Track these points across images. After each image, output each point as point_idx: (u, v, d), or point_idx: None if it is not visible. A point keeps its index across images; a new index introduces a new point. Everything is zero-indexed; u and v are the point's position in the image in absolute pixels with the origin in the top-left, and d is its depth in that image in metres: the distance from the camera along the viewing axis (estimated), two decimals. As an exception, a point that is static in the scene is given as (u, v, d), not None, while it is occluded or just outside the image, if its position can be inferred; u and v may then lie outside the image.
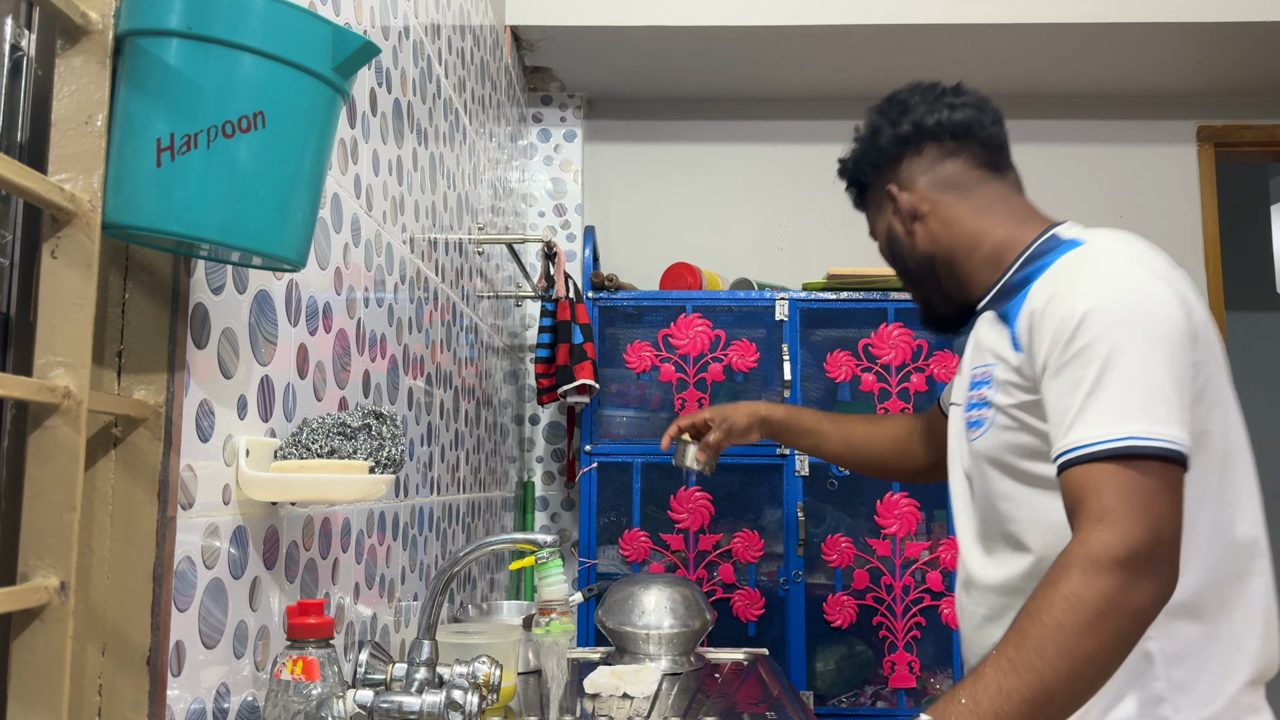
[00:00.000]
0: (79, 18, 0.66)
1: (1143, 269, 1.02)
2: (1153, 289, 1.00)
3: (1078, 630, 0.88)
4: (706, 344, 2.58)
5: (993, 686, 0.89)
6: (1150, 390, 0.95)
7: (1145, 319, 0.97)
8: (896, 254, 1.29)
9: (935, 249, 1.24)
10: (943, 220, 1.23)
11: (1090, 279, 1.02)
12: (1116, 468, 0.93)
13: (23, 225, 0.71)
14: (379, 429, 0.96)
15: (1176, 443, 0.94)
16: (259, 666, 0.93)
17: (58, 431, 0.63)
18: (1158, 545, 0.91)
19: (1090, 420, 0.95)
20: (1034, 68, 2.89)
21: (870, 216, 1.35)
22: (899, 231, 1.27)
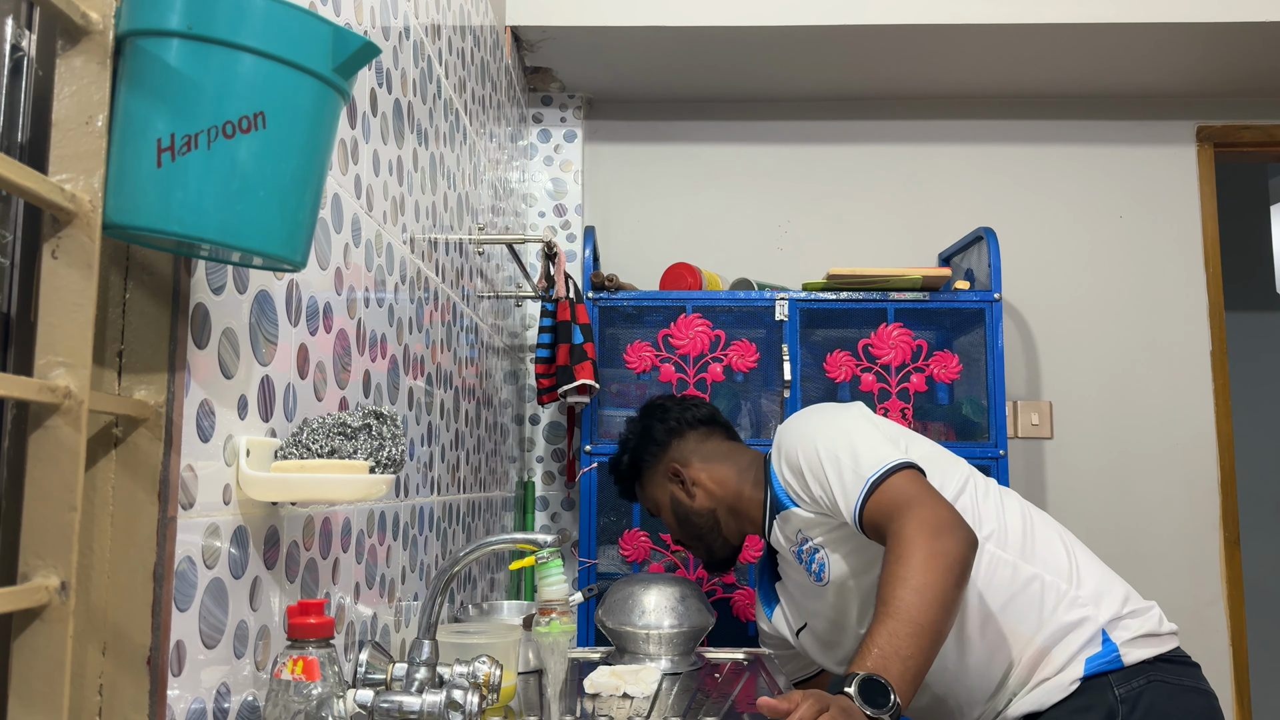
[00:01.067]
0: (79, 18, 0.66)
1: (816, 410, 1.60)
2: (822, 409, 1.58)
3: (943, 576, 1.21)
4: (706, 344, 2.58)
5: (892, 635, 1.18)
6: (864, 442, 1.43)
7: (824, 420, 1.52)
8: (682, 515, 1.70)
9: (714, 502, 1.67)
10: (714, 481, 1.68)
11: (791, 433, 1.55)
12: (883, 488, 1.35)
13: (23, 225, 0.71)
14: (379, 429, 0.96)
15: (896, 459, 1.38)
16: (259, 666, 0.93)
17: (58, 431, 0.63)
18: (935, 510, 1.28)
19: (850, 477, 1.40)
20: (1034, 68, 2.89)
21: (648, 496, 1.76)
22: (682, 496, 1.69)
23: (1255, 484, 4.02)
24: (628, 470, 1.78)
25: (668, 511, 1.71)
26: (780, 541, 1.58)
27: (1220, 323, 3.02)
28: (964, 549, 1.24)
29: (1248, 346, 4.18)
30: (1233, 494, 2.99)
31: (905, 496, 1.31)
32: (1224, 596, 2.88)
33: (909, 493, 1.31)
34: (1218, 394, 3.00)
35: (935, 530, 1.24)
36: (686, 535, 1.70)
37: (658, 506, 1.73)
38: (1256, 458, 4.10)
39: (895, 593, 1.21)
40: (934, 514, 1.27)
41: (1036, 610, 1.40)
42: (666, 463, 1.70)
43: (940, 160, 3.09)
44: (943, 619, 1.20)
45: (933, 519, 1.26)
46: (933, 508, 1.28)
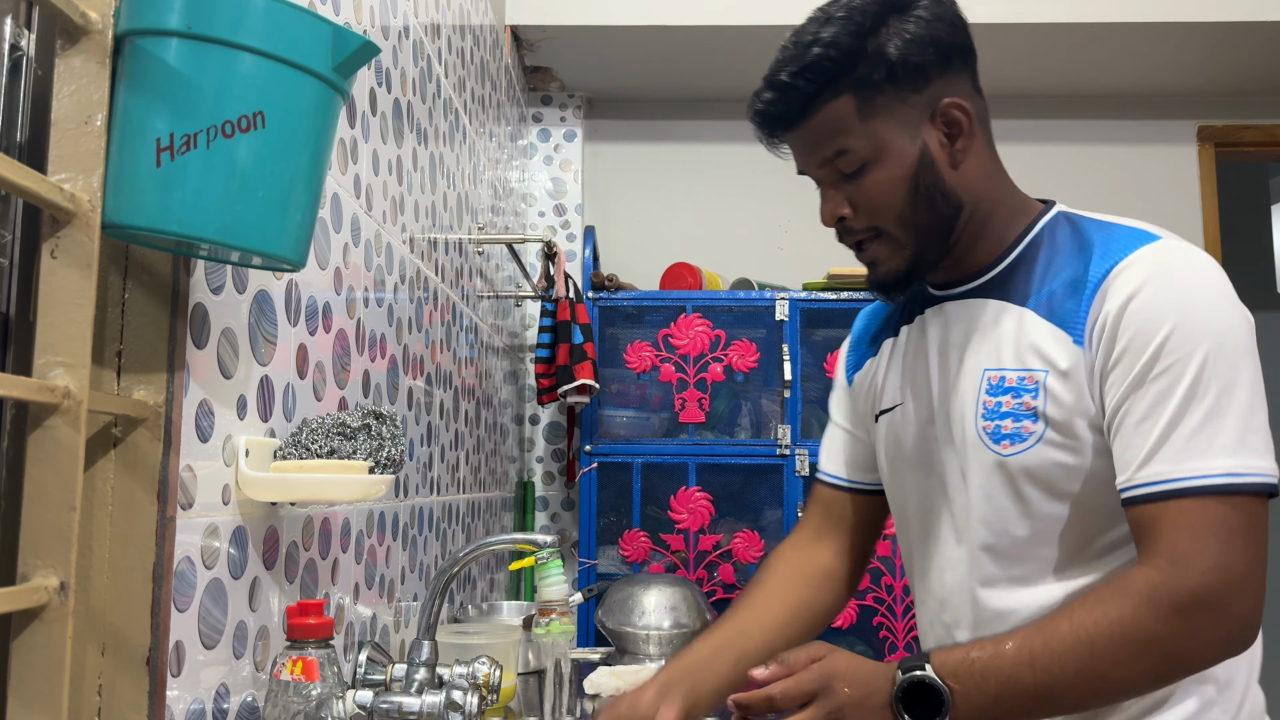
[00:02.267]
0: (79, 18, 0.66)
1: (1224, 281, 0.93)
2: (1236, 305, 0.93)
3: (1109, 658, 0.84)
4: (706, 344, 2.58)
5: (1006, 669, 0.86)
6: (1242, 418, 0.87)
7: (1235, 338, 0.90)
8: (925, 186, 0.97)
9: (969, 197, 1.00)
10: (982, 165, 1.01)
11: (1177, 287, 0.91)
12: (1199, 505, 0.86)
13: (23, 225, 0.71)
14: (379, 429, 0.96)
15: (1267, 475, 0.86)
16: (259, 667, 0.93)
17: (57, 431, 0.63)
18: (1226, 590, 0.84)
19: (1174, 452, 0.87)
20: (1034, 68, 2.89)
21: (863, 127, 0.97)
22: (940, 158, 0.98)
23: (1255, 484, 4.02)
24: (848, 64, 0.95)
25: (899, 168, 0.97)
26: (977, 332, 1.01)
27: (1220, 323, 3.02)
28: (1200, 646, 0.85)
29: (1248, 346, 4.18)
30: (1233, 494, 2.98)
31: (1203, 535, 0.85)
32: (1224, 596, 2.88)
33: (1215, 535, 0.85)
34: (1218, 394, 3.00)
35: (1189, 609, 0.84)
36: (904, 218, 0.98)
37: (873, 152, 0.97)
38: (1257, 458, 4.10)
39: (1064, 635, 0.86)
40: (1215, 585, 0.84)
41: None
42: (938, 91, 0.97)
43: (940, 160, 3.09)
44: (1092, 705, 0.90)
45: (1203, 595, 0.84)
46: (1224, 573, 0.84)
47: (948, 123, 0.98)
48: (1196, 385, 0.87)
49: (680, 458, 2.55)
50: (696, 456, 2.55)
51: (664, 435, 2.64)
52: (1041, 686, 0.85)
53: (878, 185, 0.98)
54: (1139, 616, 0.84)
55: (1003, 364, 0.98)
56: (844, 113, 0.97)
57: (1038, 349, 0.95)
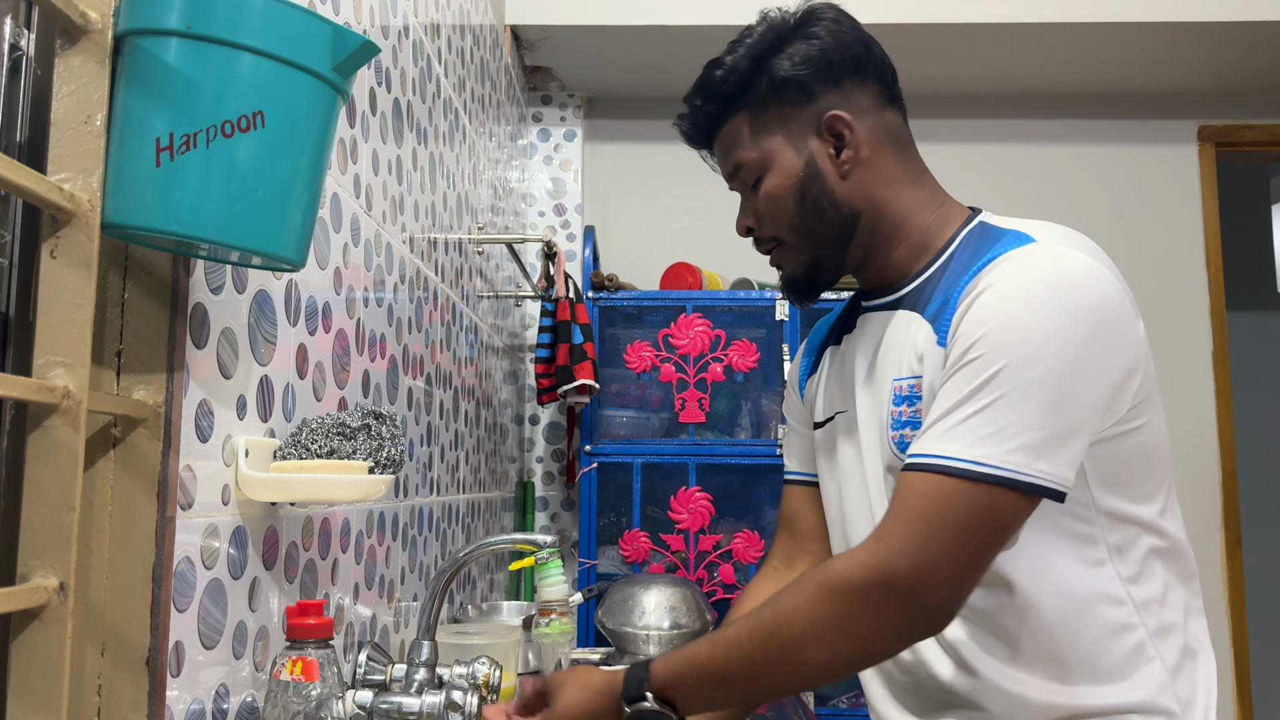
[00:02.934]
0: (78, 17, 0.65)
1: (1080, 289, 0.88)
2: (1078, 316, 0.87)
3: (799, 639, 0.86)
4: (707, 344, 2.58)
5: (704, 647, 0.91)
6: (1026, 422, 0.84)
7: (1056, 352, 0.85)
8: (812, 196, 1.01)
9: (865, 206, 1.02)
10: (881, 175, 1.02)
11: (1014, 289, 0.88)
12: (933, 483, 0.84)
13: (22, 225, 0.71)
14: (378, 429, 0.96)
15: (1026, 473, 0.83)
16: (258, 667, 0.93)
17: (57, 431, 0.63)
18: (915, 576, 0.82)
19: (936, 433, 0.86)
20: (1034, 68, 2.88)
21: (750, 142, 1.04)
22: (827, 169, 1.01)
23: (1256, 484, 4.02)
24: (743, 85, 1.04)
25: (785, 179, 1.02)
26: (876, 354, 1.04)
27: (1221, 322, 3.02)
28: (884, 631, 0.85)
29: (1249, 346, 4.18)
30: (1234, 494, 2.98)
31: (919, 517, 0.84)
32: (1225, 597, 2.88)
33: (933, 520, 0.83)
34: (1219, 394, 3.00)
35: (871, 592, 0.83)
36: (795, 226, 1.03)
37: (762, 164, 1.03)
38: (1257, 458, 4.10)
39: (765, 620, 0.87)
40: (906, 573, 0.83)
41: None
42: (823, 106, 1.01)
43: (940, 159, 3.07)
44: (795, 687, 0.90)
45: (891, 578, 0.83)
46: (920, 563, 0.83)
47: (834, 135, 1.02)
48: (988, 383, 0.85)
49: (680, 458, 2.55)
50: (696, 456, 2.55)
51: (664, 435, 2.64)
52: (733, 658, 0.88)
53: (768, 195, 1.04)
54: (828, 596, 0.85)
55: (902, 373, 0.99)
56: (739, 129, 1.05)
57: (920, 355, 0.96)
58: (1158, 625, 0.93)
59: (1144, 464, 0.95)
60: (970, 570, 0.85)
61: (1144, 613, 0.93)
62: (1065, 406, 0.85)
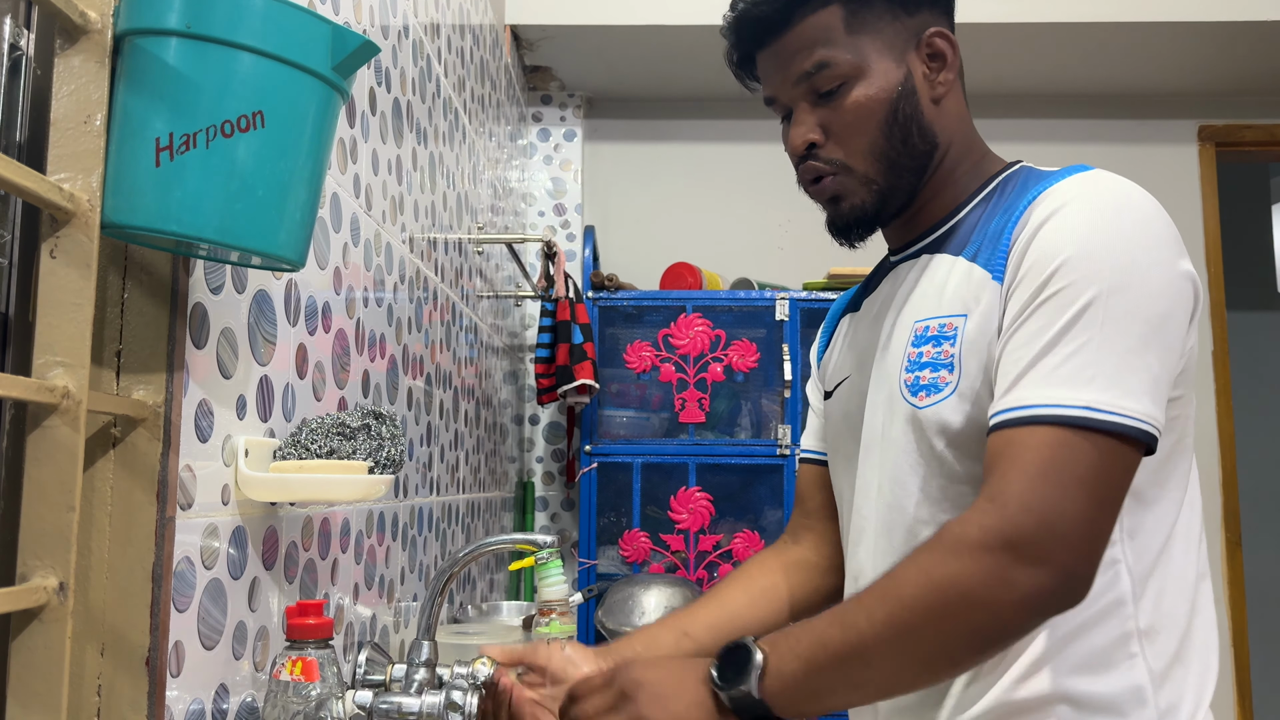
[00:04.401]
0: (78, 17, 0.65)
1: (1153, 220, 0.83)
2: (1159, 245, 0.81)
3: (916, 606, 0.75)
4: (707, 344, 2.58)
5: (819, 630, 0.78)
6: (1126, 358, 0.77)
7: (1146, 278, 0.79)
8: (904, 115, 0.91)
9: (944, 139, 0.94)
10: (958, 110, 0.96)
11: (1090, 212, 0.82)
12: (1044, 435, 0.76)
13: (22, 225, 0.71)
14: (378, 429, 0.96)
15: (1142, 419, 0.76)
16: (258, 667, 0.93)
17: (57, 431, 0.63)
18: (1043, 533, 0.74)
19: (1037, 379, 0.78)
20: (1034, 68, 2.88)
21: (851, 41, 0.91)
22: (922, 89, 0.93)
23: (1256, 484, 4.02)
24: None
25: (880, 90, 0.91)
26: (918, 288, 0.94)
27: (1221, 322, 3.02)
28: (1018, 597, 0.74)
29: (1249, 346, 4.18)
30: (1234, 494, 2.98)
31: (1039, 472, 0.75)
32: (1225, 597, 2.88)
33: (1052, 474, 0.75)
34: (1219, 394, 3.00)
35: (1003, 552, 0.74)
36: (875, 148, 0.92)
37: (855, 69, 0.91)
38: (1257, 458, 4.10)
39: (877, 589, 0.78)
40: (1032, 529, 0.74)
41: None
42: (927, 20, 0.93)
43: (940, 160, 3.09)
44: (910, 670, 0.78)
45: (1018, 536, 0.74)
46: (1045, 518, 0.74)
47: (932, 54, 0.93)
48: (1081, 315, 0.78)
49: (680, 458, 2.55)
50: (696, 456, 2.55)
51: (664, 435, 2.64)
52: (851, 645, 0.77)
53: (856, 106, 0.91)
54: (947, 558, 0.75)
55: (926, 313, 0.91)
56: (830, 22, 0.91)
57: (961, 294, 0.88)
58: (1149, 623, 0.86)
59: (1172, 442, 0.86)
60: (1105, 526, 0.76)
61: (1138, 605, 0.86)
62: (1159, 343, 0.79)
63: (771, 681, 0.79)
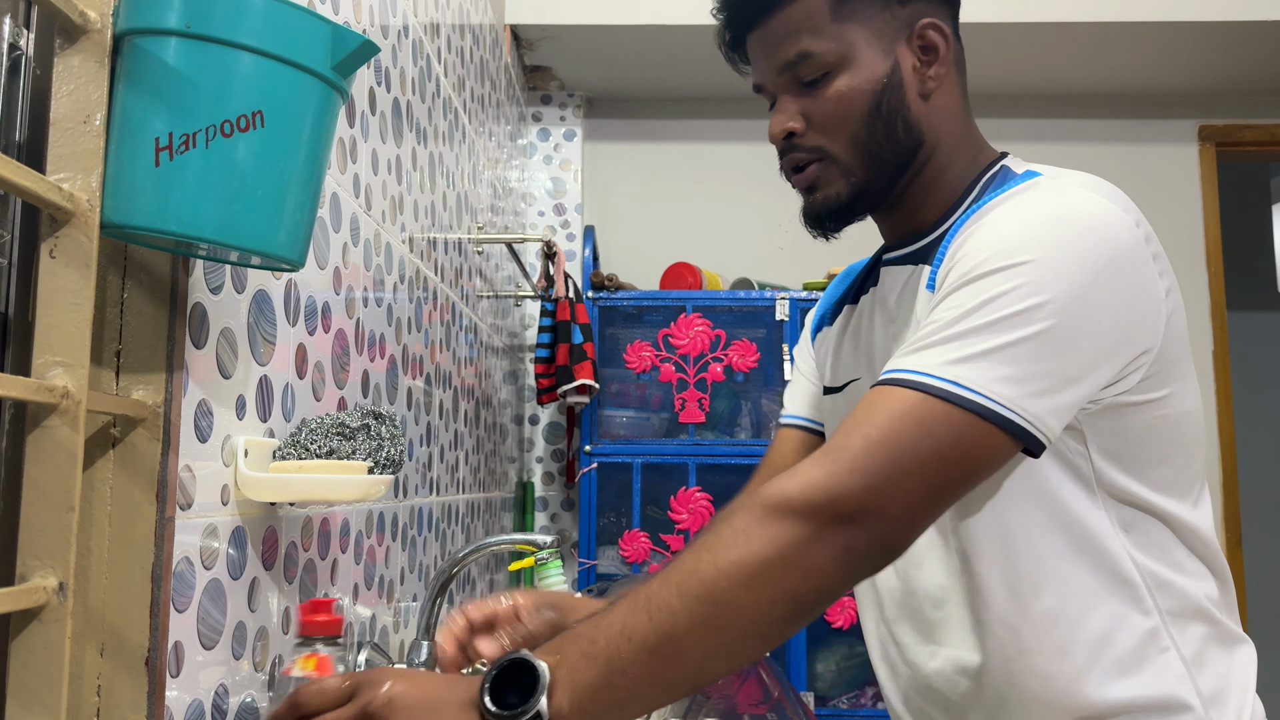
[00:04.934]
0: (77, 17, 0.65)
1: (1102, 229, 0.79)
2: (1099, 251, 0.78)
3: (730, 575, 0.69)
4: (707, 344, 2.58)
5: (617, 623, 0.69)
6: (1022, 344, 0.73)
7: (1072, 272, 0.76)
8: (888, 108, 0.89)
9: (931, 135, 0.91)
10: (950, 106, 0.92)
11: (1019, 220, 0.80)
12: (905, 399, 0.73)
13: (21, 225, 0.71)
14: (378, 429, 0.96)
15: (1019, 412, 0.73)
16: (258, 667, 0.93)
17: (56, 431, 0.63)
18: (866, 507, 0.70)
19: (921, 350, 0.75)
20: (1034, 68, 2.88)
21: (836, 30, 0.88)
22: (909, 82, 0.89)
23: (1257, 484, 4.02)
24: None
25: (864, 81, 0.89)
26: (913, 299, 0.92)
27: (1222, 322, 3.02)
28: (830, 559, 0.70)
29: (1249, 346, 4.18)
30: (1234, 494, 2.98)
31: (881, 430, 0.72)
32: (1224, 596, 2.87)
33: (894, 435, 0.72)
34: (1219, 394, 3.00)
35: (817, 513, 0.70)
36: (857, 139, 0.89)
37: (839, 58, 0.89)
38: (1258, 458, 4.10)
39: (682, 565, 0.71)
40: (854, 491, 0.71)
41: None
42: (919, 10, 0.91)
43: (940, 160, 3.08)
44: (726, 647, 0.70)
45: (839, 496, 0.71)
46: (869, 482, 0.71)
47: (924, 47, 0.90)
48: (982, 307, 0.75)
49: (680, 458, 2.55)
50: (696, 457, 2.55)
51: (664, 435, 2.64)
52: (663, 633, 0.68)
53: (838, 96, 0.88)
54: (766, 519, 0.70)
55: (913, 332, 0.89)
56: (816, 8, 0.89)
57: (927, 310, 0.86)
58: (1174, 606, 0.84)
59: (1161, 444, 0.84)
60: (931, 507, 0.73)
61: (1159, 596, 0.84)
62: (1067, 347, 0.75)
63: (561, 697, 0.66)
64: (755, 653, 0.72)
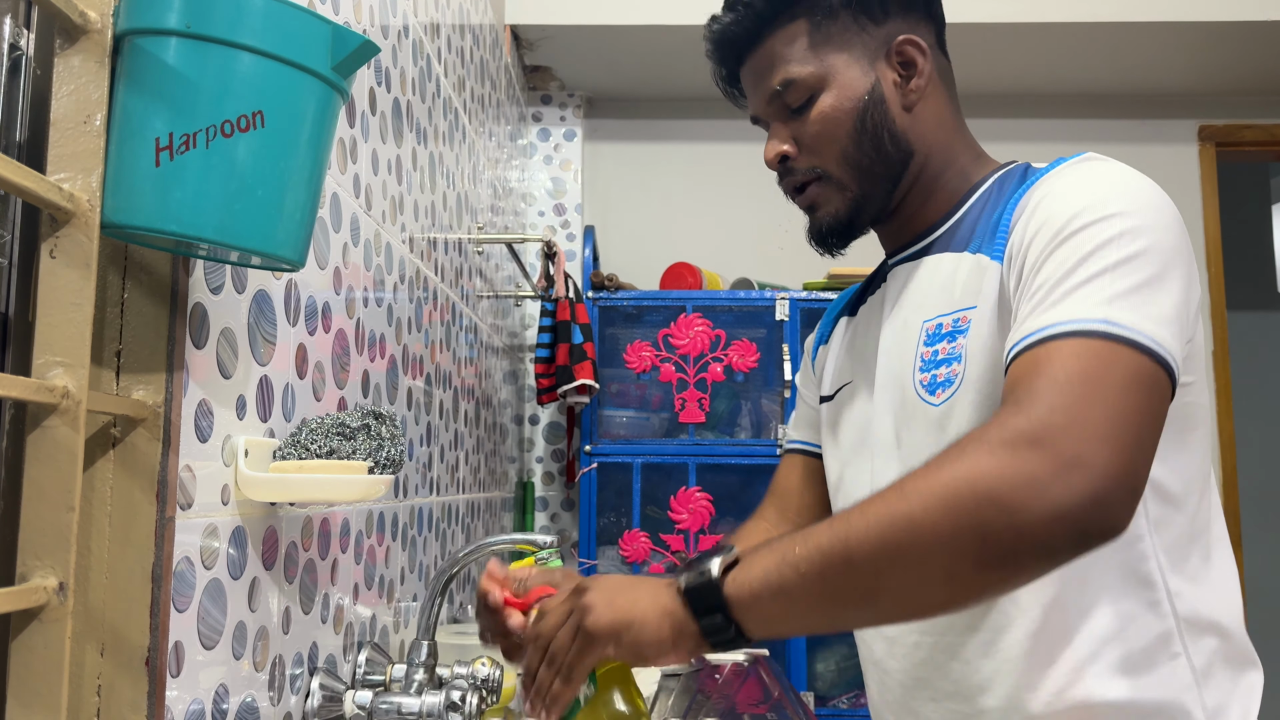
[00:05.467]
0: (78, 17, 0.65)
1: (1156, 187, 0.82)
2: (1168, 205, 0.81)
3: (916, 496, 0.67)
4: (707, 344, 2.58)
5: (800, 534, 0.71)
6: (1150, 287, 0.74)
7: (1164, 223, 0.77)
8: (873, 122, 0.92)
9: (920, 145, 0.94)
10: (937, 117, 0.96)
11: (1099, 178, 0.82)
12: (1075, 346, 0.70)
13: (21, 225, 0.71)
14: (378, 429, 0.96)
15: (1164, 347, 0.71)
16: (258, 667, 0.93)
17: (56, 431, 0.63)
18: (1082, 441, 0.66)
19: (1054, 302, 0.74)
20: (1034, 68, 2.88)
21: (814, 56, 0.93)
22: (891, 96, 0.93)
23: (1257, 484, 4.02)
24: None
25: (846, 99, 0.92)
26: (921, 289, 0.94)
27: (1222, 322, 3.02)
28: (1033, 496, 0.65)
29: (1249, 346, 4.18)
30: (1234, 494, 2.98)
31: (1066, 376, 0.69)
32: (1224, 596, 2.87)
33: (1079, 380, 0.68)
34: (1219, 394, 3.00)
35: (1021, 443, 0.66)
36: (847, 156, 0.93)
37: (820, 81, 0.93)
38: (1258, 457, 4.10)
39: (891, 487, 0.70)
40: (1060, 424, 0.66)
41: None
42: (895, 29, 0.94)
43: (940, 160, 3.09)
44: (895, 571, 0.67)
45: (1043, 431, 0.66)
46: (1076, 418, 0.66)
47: (903, 62, 0.94)
48: (1100, 249, 0.75)
49: (680, 458, 2.55)
50: (696, 456, 2.55)
51: (664, 435, 2.64)
52: (836, 541, 0.68)
53: (823, 116, 0.93)
54: (966, 454, 0.68)
55: (933, 312, 0.90)
56: (796, 38, 0.94)
57: (971, 286, 0.88)
58: (1190, 614, 0.83)
59: (1184, 431, 0.83)
60: (1146, 442, 0.69)
61: (1176, 600, 0.83)
62: (1178, 279, 0.75)
63: (737, 572, 0.72)
64: (936, 596, 0.68)
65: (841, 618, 0.73)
